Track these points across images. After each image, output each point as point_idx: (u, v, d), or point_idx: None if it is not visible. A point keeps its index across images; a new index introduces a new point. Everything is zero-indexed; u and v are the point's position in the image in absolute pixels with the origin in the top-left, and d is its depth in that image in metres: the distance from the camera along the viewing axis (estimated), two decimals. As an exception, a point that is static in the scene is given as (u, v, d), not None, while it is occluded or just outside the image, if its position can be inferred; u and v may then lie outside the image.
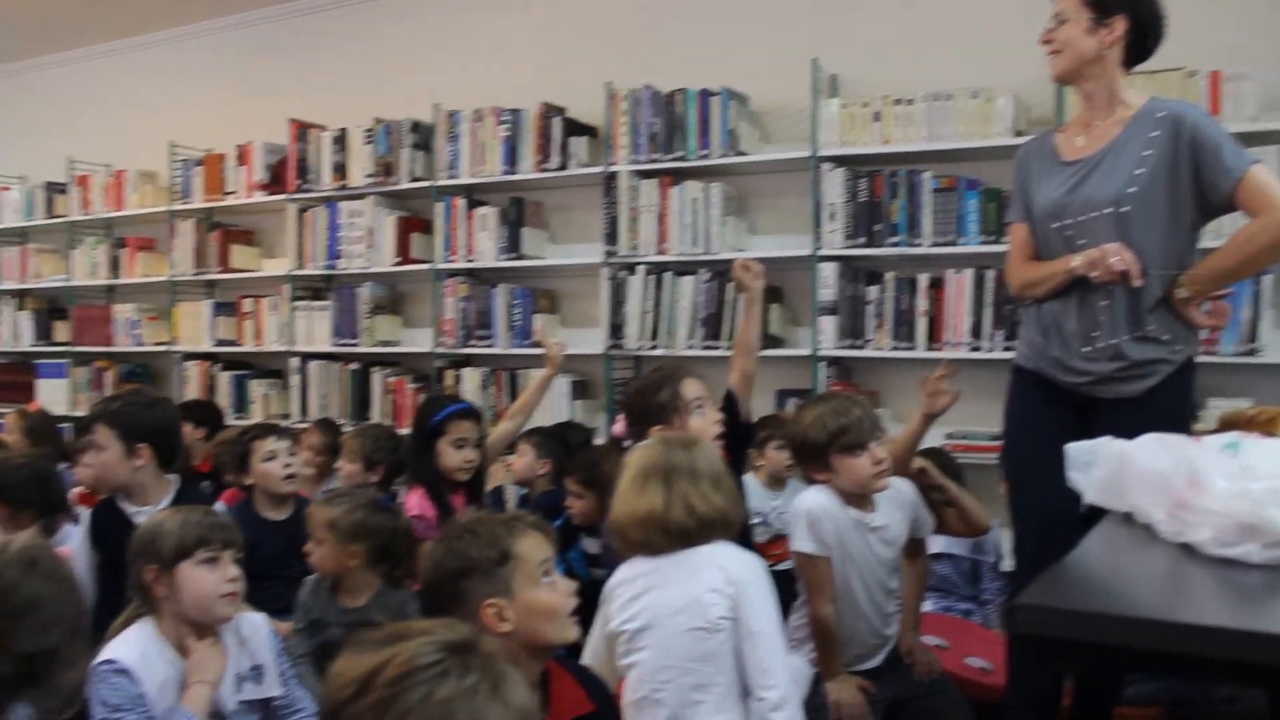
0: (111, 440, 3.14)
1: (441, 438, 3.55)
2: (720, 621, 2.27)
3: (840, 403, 2.92)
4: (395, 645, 1.14)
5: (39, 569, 1.82)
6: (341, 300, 5.72)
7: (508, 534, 1.98)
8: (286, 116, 5.96)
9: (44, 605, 1.78)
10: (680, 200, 4.73)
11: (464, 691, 1.09)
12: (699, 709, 2.29)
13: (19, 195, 7.65)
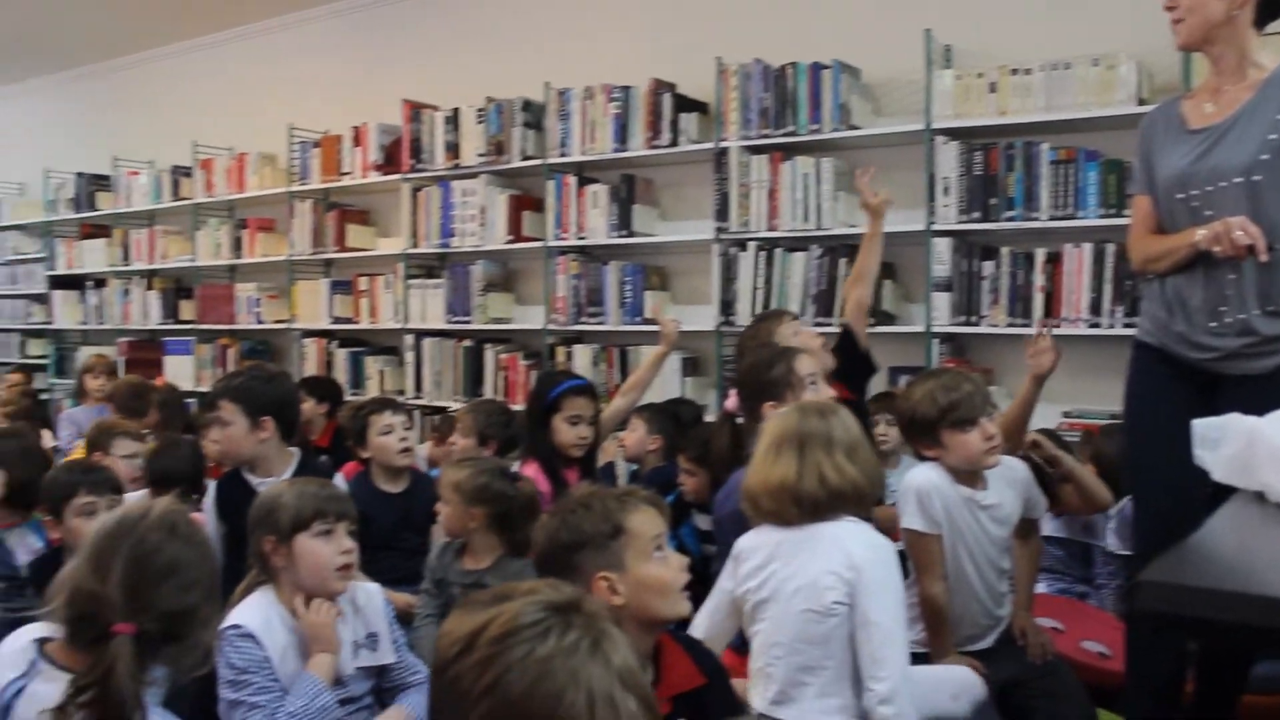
0: (236, 415, 3.23)
1: (557, 413, 3.59)
2: (834, 607, 2.25)
3: (951, 377, 2.87)
4: (501, 605, 1.16)
5: (179, 533, 1.89)
6: (455, 278, 5.81)
7: (621, 508, 2.00)
8: (400, 97, 6.05)
9: (184, 567, 1.85)
10: (791, 175, 4.69)
11: (564, 649, 1.11)
12: (805, 690, 2.28)
13: (147, 179, 7.92)
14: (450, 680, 1.13)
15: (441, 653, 1.16)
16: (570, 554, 1.97)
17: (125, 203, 8.13)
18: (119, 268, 8.11)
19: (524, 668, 1.09)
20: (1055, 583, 3.65)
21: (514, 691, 1.08)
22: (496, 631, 1.12)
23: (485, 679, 1.09)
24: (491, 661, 1.10)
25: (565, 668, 1.10)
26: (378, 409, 3.76)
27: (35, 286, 9.23)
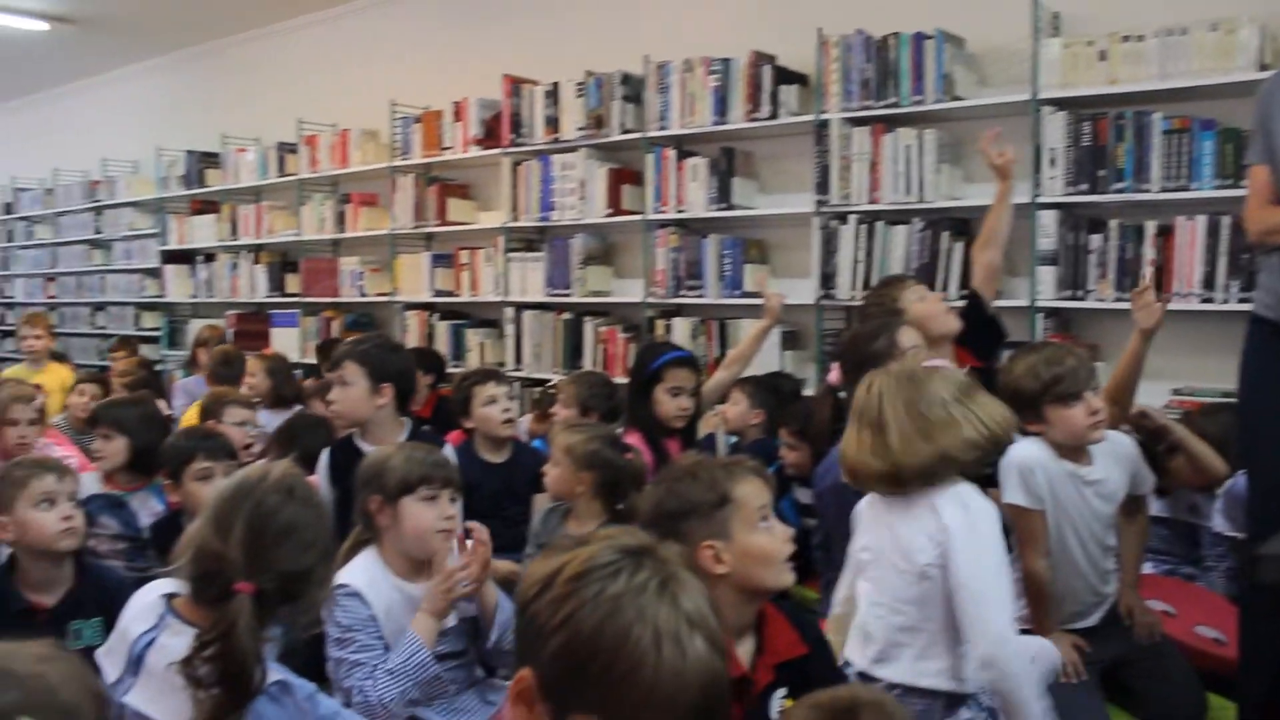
0: (359, 377, 3.33)
1: (659, 384, 3.61)
2: (928, 569, 2.24)
3: (1054, 351, 2.83)
4: (579, 548, 1.21)
5: (296, 495, 1.95)
6: (554, 251, 5.85)
7: (727, 478, 2.01)
8: (501, 72, 6.10)
9: (300, 529, 1.90)
10: (893, 148, 4.64)
11: (633, 588, 1.15)
12: (904, 651, 2.28)
13: (254, 156, 8.10)
14: (530, 617, 1.18)
15: (523, 594, 1.21)
16: (676, 522, 1.99)
17: (233, 179, 8.33)
18: (227, 242, 8.32)
19: (595, 605, 1.14)
20: (1161, 564, 3.57)
21: (585, 627, 1.13)
22: (572, 572, 1.17)
23: (560, 615, 1.15)
24: (566, 599, 1.15)
25: (633, 605, 1.14)
26: (481, 380, 3.82)
27: (148, 261, 9.52)
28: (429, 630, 2.41)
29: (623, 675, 1.11)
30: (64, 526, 2.68)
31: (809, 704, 1.42)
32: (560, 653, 1.14)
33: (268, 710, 1.83)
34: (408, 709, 2.40)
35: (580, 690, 1.13)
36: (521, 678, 1.16)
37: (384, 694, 2.34)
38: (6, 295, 12.42)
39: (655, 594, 1.15)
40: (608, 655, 1.12)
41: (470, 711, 2.55)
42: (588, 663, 1.13)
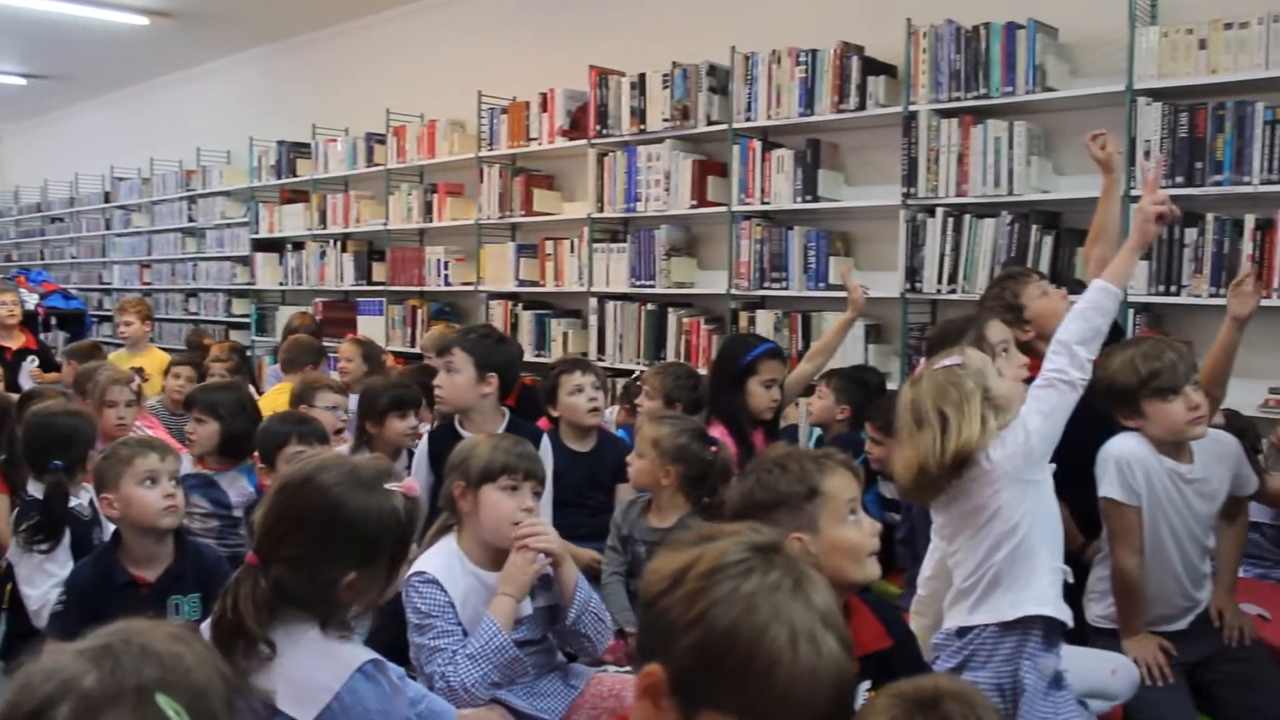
0: (466, 365, 3.40)
1: (753, 376, 3.62)
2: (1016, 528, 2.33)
3: (1152, 345, 2.78)
4: (707, 544, 1.21)
5: (316, 484, 1.93)
6: (639, 242, 5.87)
7: (817, 470, 2.01)
8: (587, 64, 6.12)
9: (305, 519, 1.90)
10: (982, 140, 4.57)
11: (767, 586, 1.15)
12: (997, 591, 2.35)
13: (343, 147, 8.23)
14: (659, 612, 1.18)
15: (650, 587, 1.21)
16: (765, 513, 1.99)
17: (323, 169, 8.47)
18: (316, 231, 8.47)
19: (730, 602, 1.14)
20: (1253, 567, 3.50)
21: (720, 624, 1.13)
22: (704, 568, 1.17)
23: (693, 611, 1.14)
24: (699, 595, 1.15)
25: (769, 603, 1.14)
26: (569, 369, 3.85)
27: (239, 249, 9.73)
28: (506, 613, 2.43)
29: (758, 674, 1.11)
30: (166, 504, 2.76)
31: (891, 694, 1.41)
32: (693, 649, 1.14)
33: (363, 688, 1.86)
34: (490, 691, 2.42)
35: (713, 687, 1.13)
36: (650, 673, 1.15)
37: (465, 678, 2.37)
38: (104, 281, 12.77)
39: (790, 592, 1.15)
40: (743, 653, 1.12)
41: (552, 695, 2.58)
42: (722, 660, 1.12)
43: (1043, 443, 2.33)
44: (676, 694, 1.15)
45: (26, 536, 3.14)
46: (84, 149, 13.60)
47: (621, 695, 2.56)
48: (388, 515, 1.92)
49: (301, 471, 1.95)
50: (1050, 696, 2.26)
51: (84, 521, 3.26)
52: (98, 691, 0.99)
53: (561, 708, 2.56)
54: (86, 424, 3.45)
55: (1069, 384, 2.36)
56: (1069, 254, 4.40)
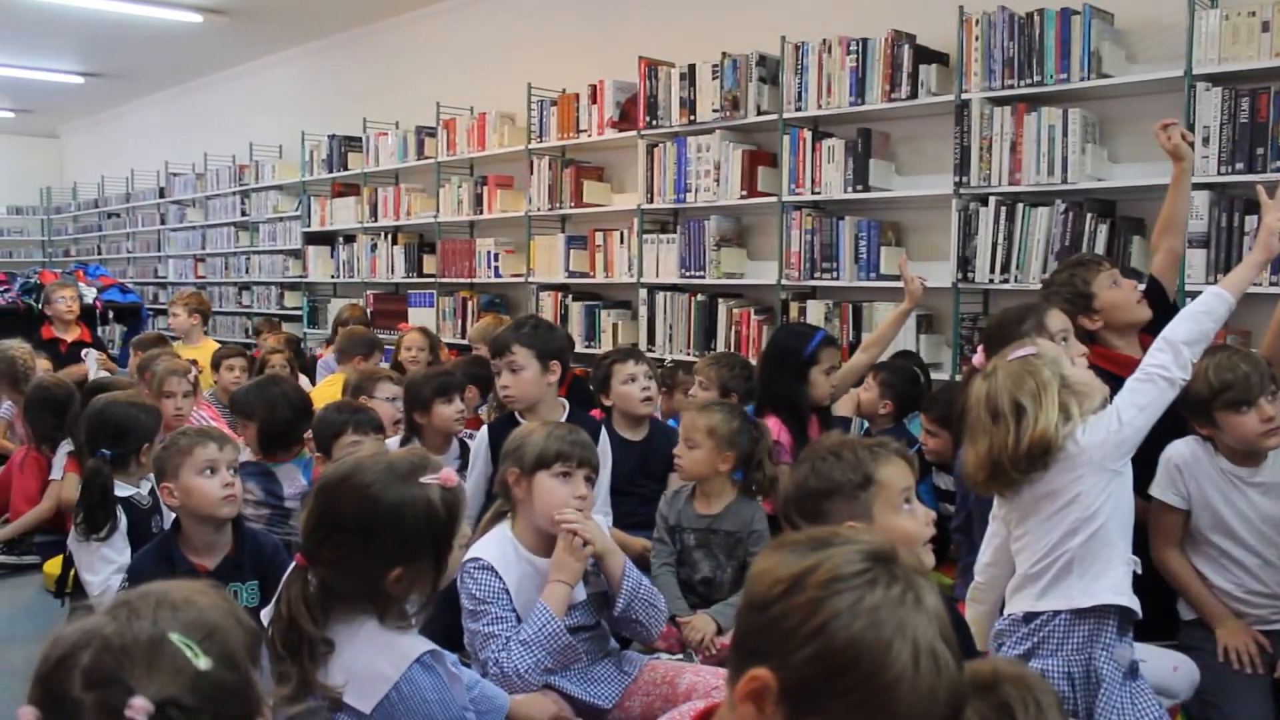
0: (530, 359, 3.41)
1: (815, 366, 3.62)
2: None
3: (1227, 356, 2.75)
4: (822, 550, 1.18)
5: (353, 484, 1.96)
6: (688, 233, 5.86)
7: (872, 459, 2.01)
8: (636, 55, 6.12)
9: (343, 519, 1.93)
10: (1036, 127, 4.52)
11: (891, 600, 1.13)
12: (1069, 578, 2.34)
13: (393, 140, 8.29)
14: (773, 618, 1.15)
15: (762, 590, 1.18)
16: (819, 501, 1.99)
17: (373, 162, 8.53)
18: (367, 224, 8.54)
19: (853, 614, 1.12)
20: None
21: (842, 636, 1.11)
22: (823, 576, 1.14)
23: (814, 621, 1.12)
24: (819, 605, 1.13)
25: (893, 618, 1.12)
26: (622, 358, 3.86)
27: (292, 242, 9.84)
28: (559, 600, 2.45)
29: (879, 690, 1.10)
30: (225, 494, 2.80)
31: None
32: (812, 660, 1.12)
33: (421, 678, 1.89)
34: (543, 677, 2.44)
35: (828, 700, 1.12)
36: (757, 677, 1.13)
37: (518, 664, 2.39)
38: (159, 276, 12.95)
39: (913, 607, 1.13)
40: (866, 669, 1.10)
41: (606, 681, 2.59)
42: (843, 674, 1.11)
43: (1135, 434, 2.32)
44: (786, 701, 1.13)
45: (82, 529, 3.20)
46: (140, 145, 13.81)
47: (674, 682, 2.57)
48: (424, 508, 1.93)
49: (339, 471, 1.98)
50: (1127, 686, 2.25)
51: (143, 510, 3.32)
52: (116, 637, 1.05)
53: (615, 694, 2.58)
54: (147, 416, 3.51)
55: (1169, 381, 2.35)
56: (1124, 243, 4.35)
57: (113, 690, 1.01)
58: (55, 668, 1.04)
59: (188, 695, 1.03)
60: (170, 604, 1.10)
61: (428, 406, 3.84)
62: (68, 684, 1.02)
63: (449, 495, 1.97)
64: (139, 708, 0.99)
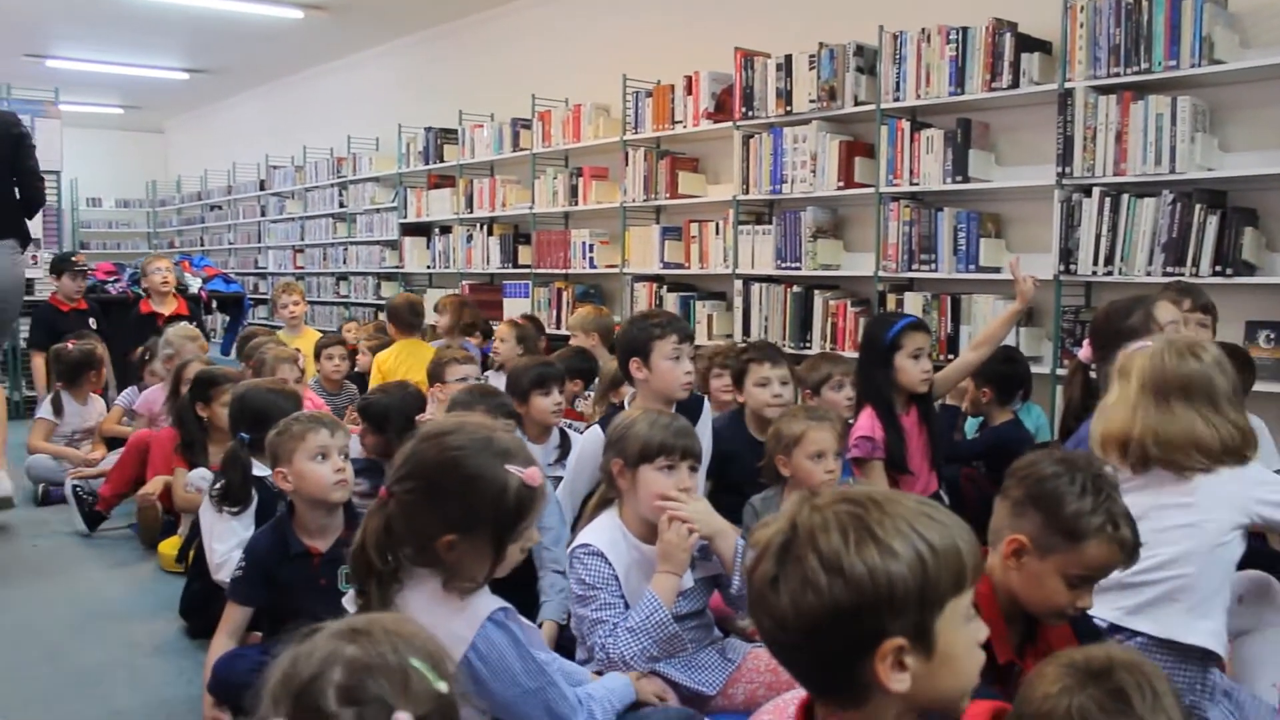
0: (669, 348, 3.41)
1: (898, 351, 3.58)
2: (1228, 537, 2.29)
3: None
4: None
5: (441, 442, 2.00)
6: (784, 224, 5.85)
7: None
8: (732, 45, 6.11)
9: (428, 475, 1.97)
10: (1143, 116, 4.43)
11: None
12: (1173, 606, 2.30)
13: (489, 132, 8.38)
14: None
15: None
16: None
17: (469, 154, 8.64)
18: (463, 215, 8.65)
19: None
20: None
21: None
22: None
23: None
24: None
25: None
26: (759, 358, 3.78)
27: (388, 233, 10.00)
28: (668, 589, 2.47)
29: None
30: (336, 479, 2.88)
31: (1061, 663, 1.40)
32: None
33: (496, 635, 1.93)
34: (648, 664, 2.46)
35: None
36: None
37: (624, 651, 2.41)
38: (259, 266, 13.25)
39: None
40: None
41: (710, 668, 2.61)
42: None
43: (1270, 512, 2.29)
44: None
45: (218, 498, 3.34)
46: (241, 139, 14.14)
47: (778, 670, 2.58)
48: (497, 490, 1.94)
49: (443, 425, 2.04)
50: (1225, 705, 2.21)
51: (273, 493, 3.42)
52: (363, 658, 1.10)
53: (719, 681, 2.59)
54: (286, 401, 3.62)
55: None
56: (1235, 234, 4.24)
57: (371, 706, 1.06)
58: (308, 684, 1.08)
59: (435, 716, 1.09)
60: (399, 633, 1.15)
61: (526, 397, 3.89)
62: (322, 700, 1.07)
63: (526, 492, 1.97)
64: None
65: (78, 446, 5.79)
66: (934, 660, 1.22)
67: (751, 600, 1.29)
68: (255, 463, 3.46)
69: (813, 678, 1.28)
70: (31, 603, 4.00)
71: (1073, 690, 1.35)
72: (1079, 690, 1.34)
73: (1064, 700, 1.34)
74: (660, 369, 3.38)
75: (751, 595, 1.28)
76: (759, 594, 1.26)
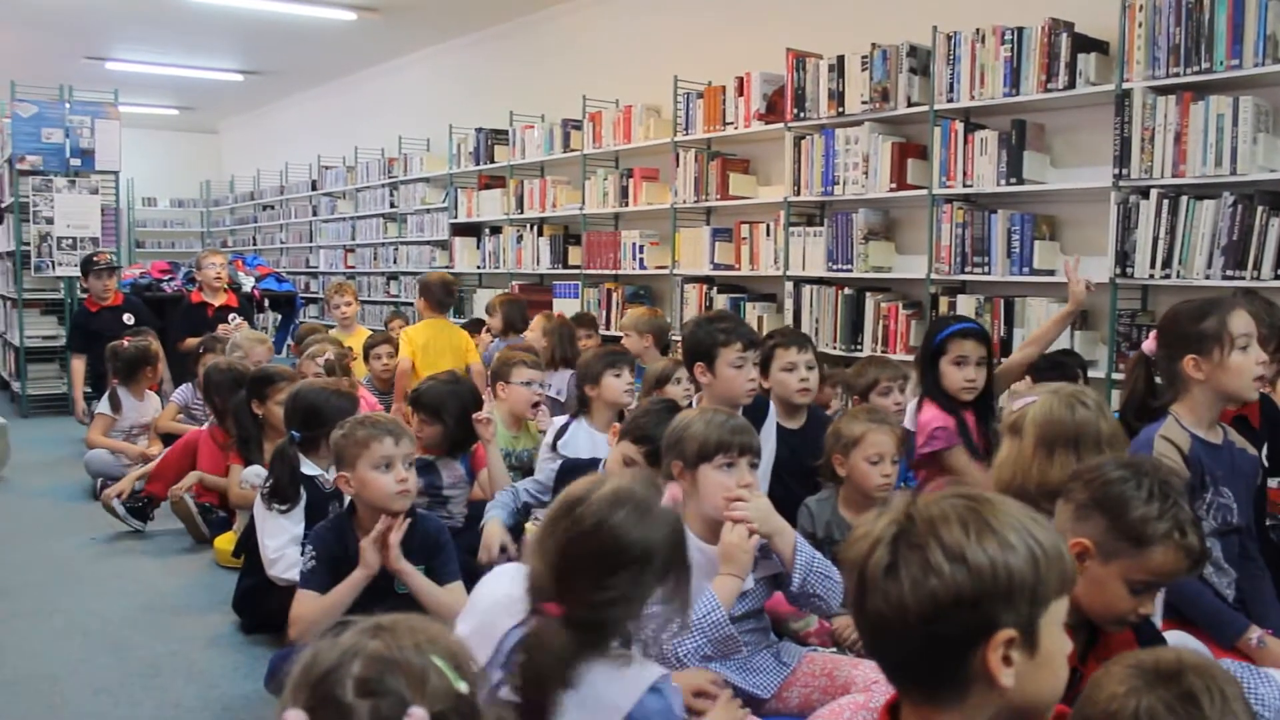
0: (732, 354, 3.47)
1: (942, 356, 3.56)
2: None
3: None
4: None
5: (617, 514, 1.87)
6: (836, 226, 5.83)
7: None
8: (784, 46, 6.09)
9: (615, 553, 1.85)
10: (1203, 117, 4.37)
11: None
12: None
13: (539, 133, 8.41)
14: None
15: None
16: None
17: (519, 155, 8.68)
18: (513, 216, 8.68)
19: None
20: None
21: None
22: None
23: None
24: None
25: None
26: (785, 343, 3.77)
27: (439, 233, 10.07)
28: (729, 591, 2.47)
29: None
30: (399, 489, 2.89)
31: (1129, 664, 1.39)
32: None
33: (651, 702, 1.85)
34: (702, 663, 2.46)
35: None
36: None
37: (679, 647, 2.41)
38: (311, 265, 13.38)
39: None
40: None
41: (765, 671, 2.60)
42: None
43: None
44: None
45: (267, 496, 3.39)
46: (293, 140, 14.28)
47: (833, 675, 2.57)
48: (678, 536, 1.93)
49: (591, 515, 1.87)
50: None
51: (323, 493, 3.46)
52: (384, 653, 1.11)
53: (774, 684, 2.59)
54: (341, 401, 3.67)
55: None
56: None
57: (388, 699, 1.06)
58: (326, 675, 1.09)
59: (453, 714, 1.09)
60: (424, 632, 1.15)
61: (598, 379, 3.93)
62: (339, 690, 1.07)
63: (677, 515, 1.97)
64: (418, 716, 1.04)
65: (135, 442, 5.88)
66: (1036, 659, 1.24)
67: (859, 591, 1.30)
68: (305, 461, 3.50)
69: (917, 669, 1.29)
70: (94, 596, 4.08)
71: (1141, 692, 1.34)
72: (1147, 692, 1.34)
73: (1131, 701, 1.33)
74: (724, 375, 3.42)
75: (861, 586, 1.29)
76: (871, 582, 1.27)
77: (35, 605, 3.96)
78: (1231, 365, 2.70)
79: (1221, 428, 2.85)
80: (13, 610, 3.91)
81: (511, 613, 1.91)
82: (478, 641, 1.89)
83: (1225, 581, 2.72)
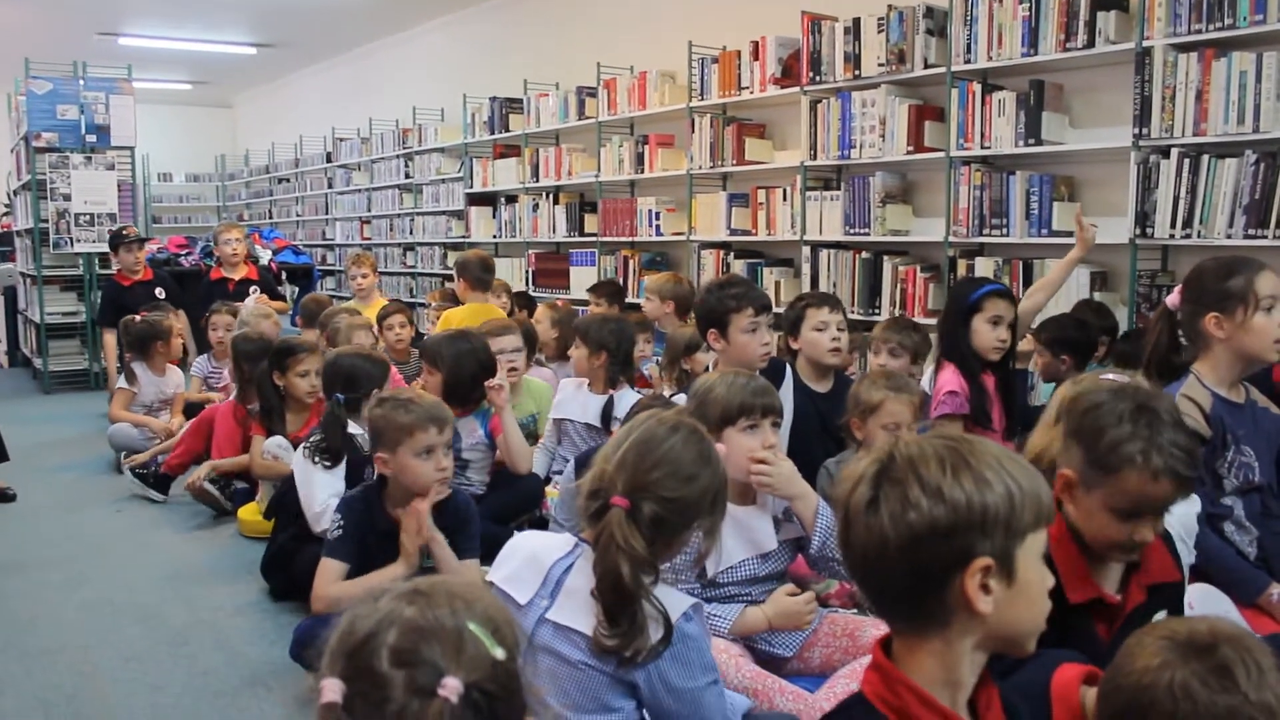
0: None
1: (978, 314, 3.55)
2: None
3: None
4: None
5: (681, 433, 1.99)
6: (853, 190, 5.80)
7: None
8: (799, 9, 6.03)
9: (682, 463, 1.95)
10: (1225, 74, 4.32)
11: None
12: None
13: (554, 101, 8.38)
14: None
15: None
16: None
17: (534, 123, 8.65)
18: (528, 184, 8.67)
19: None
20: None
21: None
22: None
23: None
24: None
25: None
26: (816, 303, 3.77)
27: (454, 203, 10.06)
28: (750, 624, 2.53)
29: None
30: (439, 476, 2.90)
31: (1161, 635, 1.37)
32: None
33: (687, 627, 1.90)
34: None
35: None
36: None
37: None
38: (327, 238, 13.40)
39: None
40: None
41: (787, 632, 2.62)
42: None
43: None
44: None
45: (312, 450, 3.50)
46: (308, 112, 14.29)
47: (855, 635, 2.59)
48: (725, 481, 2.02)
49: (684, 423, 2.02)
50: None
51: (362, 455, 3.50)
52: (419, 620, 1.11)
53: (796, 644, 2.61)
54: (373, 366, 3.84)
55: None
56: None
57: (423, 669, 1.07)
58: (362, 644, 1.09)
59: (489, 682, 1.09)
60: (462, 597, 1.15)
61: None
62: (375, 660, 1.08)
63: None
64: (451, 687, 1.05)
65: (157, 416, 5.93)
66: (1014, 589, 1.28)
67: (845, 525, 1.34)
68: (350, 421, 3.59)
69: (901, 600, 1.32)
70: (121, 567, 4.12)
71: (1174, 665, 1.33)
72: (1180, 665, 1.32)
73: (1165, 675, 1.32)
74: (738, 341, 3.43)
75: (846, 520, 1.33)
76: (854, 516, 1.32)
77: (64, 577, 4.00)
78: (1254, 326, 2.68)
79: (1244, 386, 2.84)
80: (42, 582, 3.96)
81: (559, 547, 2.01)
82: (525, 575, 1.99)
83: (1247, 539, 2.72)
